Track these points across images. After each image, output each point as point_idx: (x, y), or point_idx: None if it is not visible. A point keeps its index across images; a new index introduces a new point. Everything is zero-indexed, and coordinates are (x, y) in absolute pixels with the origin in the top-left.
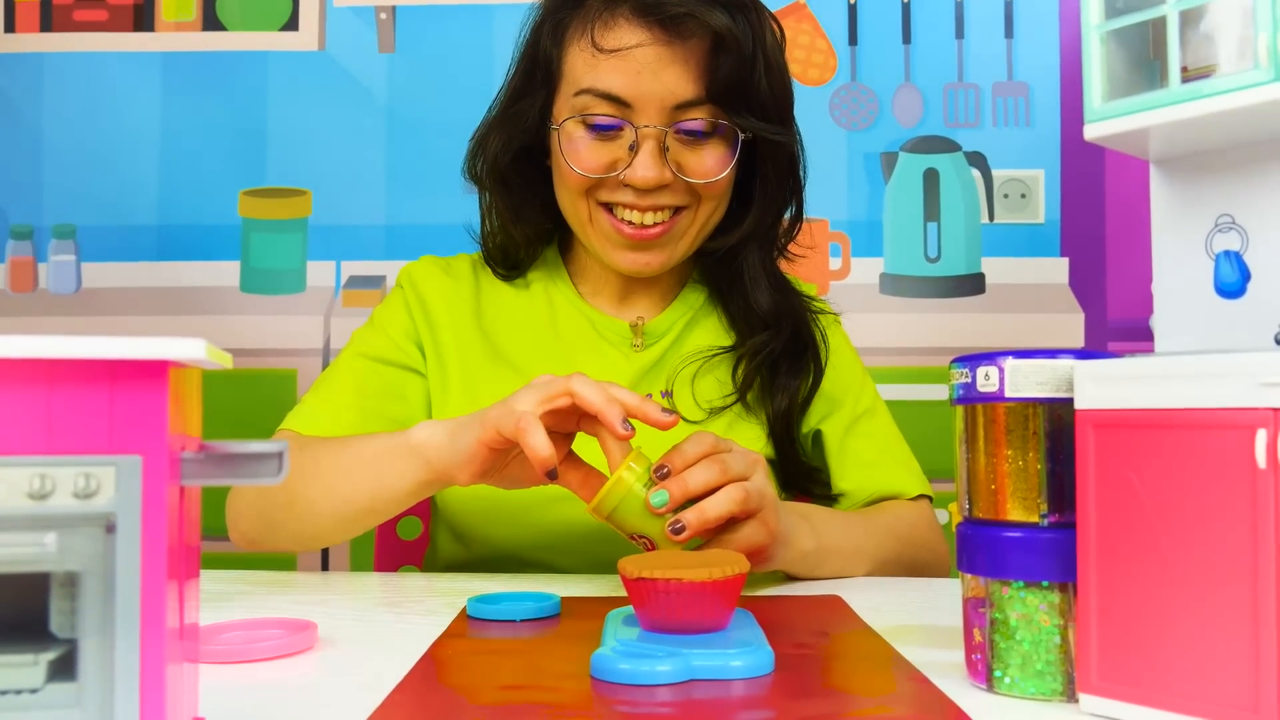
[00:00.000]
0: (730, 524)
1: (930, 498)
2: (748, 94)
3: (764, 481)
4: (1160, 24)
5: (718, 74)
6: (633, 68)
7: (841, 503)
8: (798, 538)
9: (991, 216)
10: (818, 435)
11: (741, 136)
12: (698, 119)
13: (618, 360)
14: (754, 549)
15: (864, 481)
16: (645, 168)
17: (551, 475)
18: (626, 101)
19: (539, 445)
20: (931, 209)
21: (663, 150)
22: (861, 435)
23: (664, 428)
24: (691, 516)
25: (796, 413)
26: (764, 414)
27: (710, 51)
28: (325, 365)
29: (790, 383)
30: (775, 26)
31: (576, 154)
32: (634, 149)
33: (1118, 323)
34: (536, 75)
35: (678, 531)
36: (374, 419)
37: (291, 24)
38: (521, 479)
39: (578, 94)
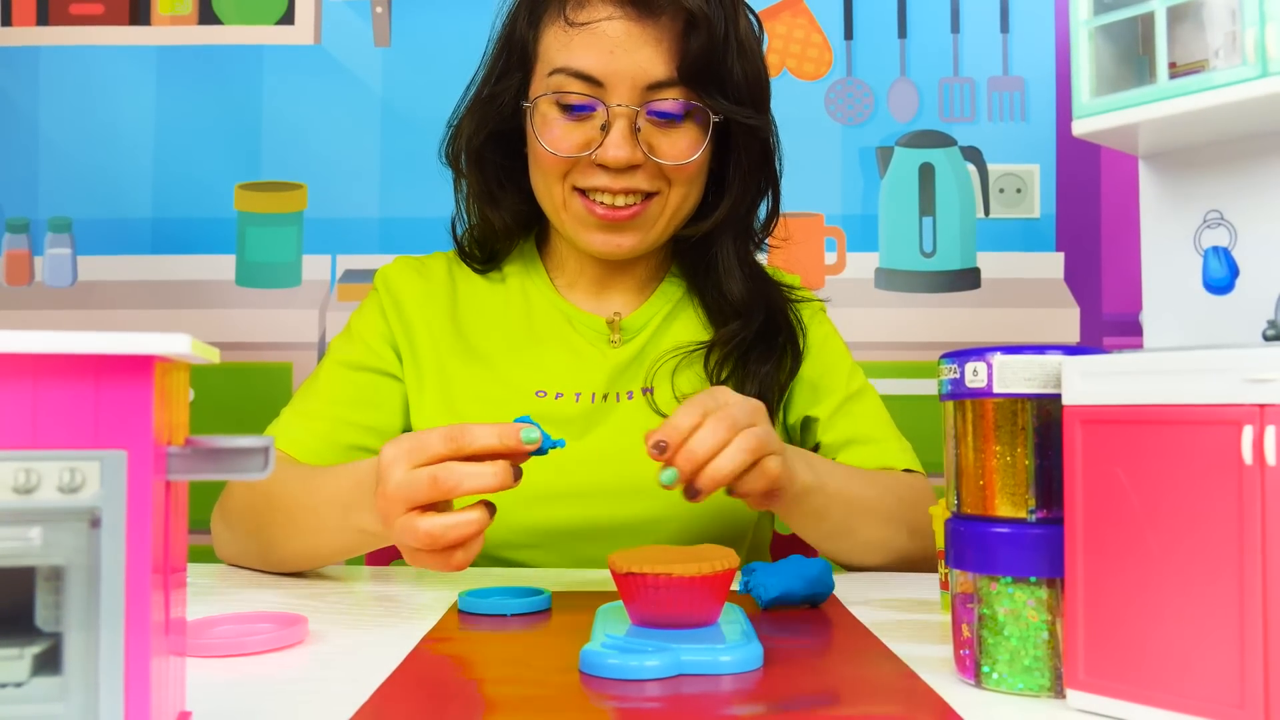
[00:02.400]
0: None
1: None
2: (720, 76)
3: (766, 428)
4: (1148, 20)
5: (689, 54)
6: (605, 45)
7: None
8: (798, 473)
9: (987, 211)
10: (807, 421)
11: (714, 119)
12: (670, 99)
13: (594, 357)
14: (756, 493)
15: (856, 458)
16: (616, 147)
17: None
18: (599, 80)
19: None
20: (927, 204)
21: (634, 130)
22: (850, 415)
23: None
24: (705, 481)
25: (773, 400)
26: None
27: (682, 32)
28: (320, 359)
29: (760, 369)
30: (752, 17)
31: (549, 134)
32: (606, 129)
33: (1113, 317)
34: (512, 58)
35: (693, 497)
36: (346, 428)
37: (287, 18)
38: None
39: (551, 74)
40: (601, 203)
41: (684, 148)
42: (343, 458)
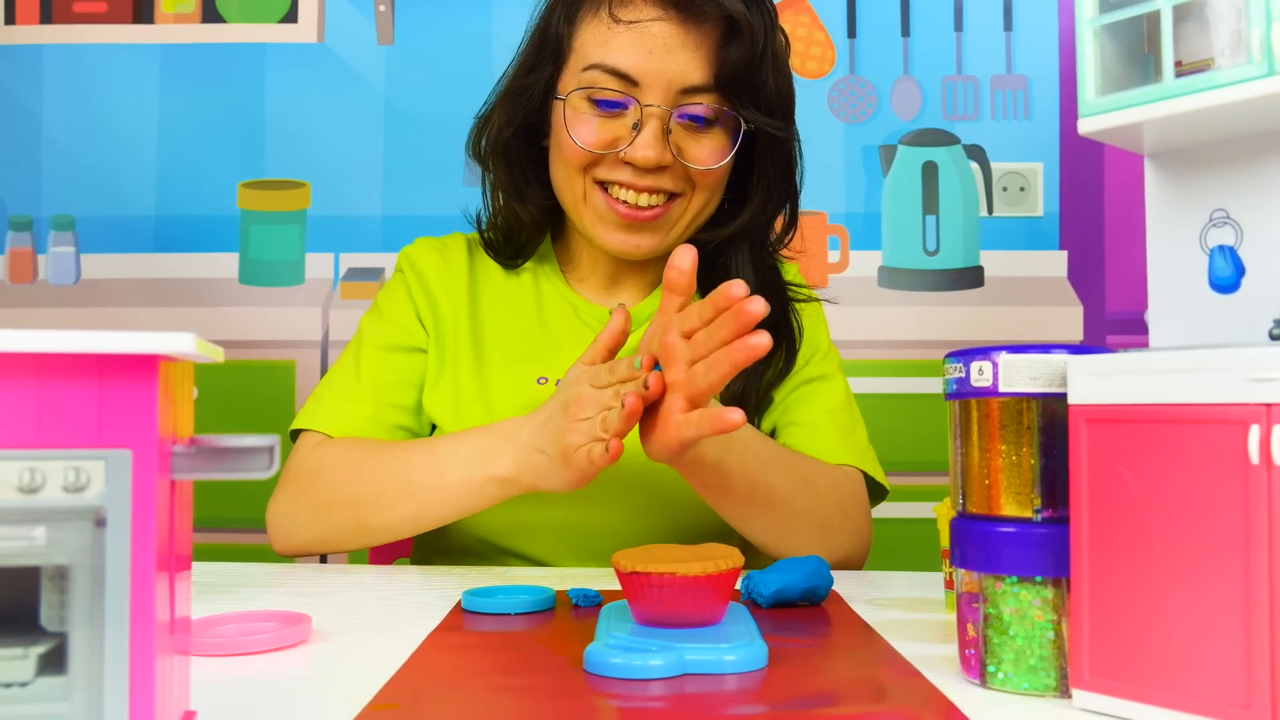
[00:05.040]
0: None
1: (866, 474)
2: (754, 86)
3: None
4: (1154, 18)
5: (727, 62)
6: (645, 45)
7: None
8: (704, 451)
9: (990, 209)
10: (764, 400)
11: (744, 128)
12: (702, 104)
13: None
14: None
15: (797, 442)
16: (647, 146)
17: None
18: (634, 79)
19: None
20: (930, 202)
21: (665, 132)
22: (806, 398)
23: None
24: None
25: (755, 396)
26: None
27: (722, 40)
28: (324, 357)
29: (749, 365)
30: (782, 34)
31: (579, 129)
32: (637, 128)
33: (1116, 316)
34: (545, 51)
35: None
36: (390, 410)
37: (290, 16)
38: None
39: (586, 69)
40: (624, 201)
41: (712, 153)
42: (387, 439)
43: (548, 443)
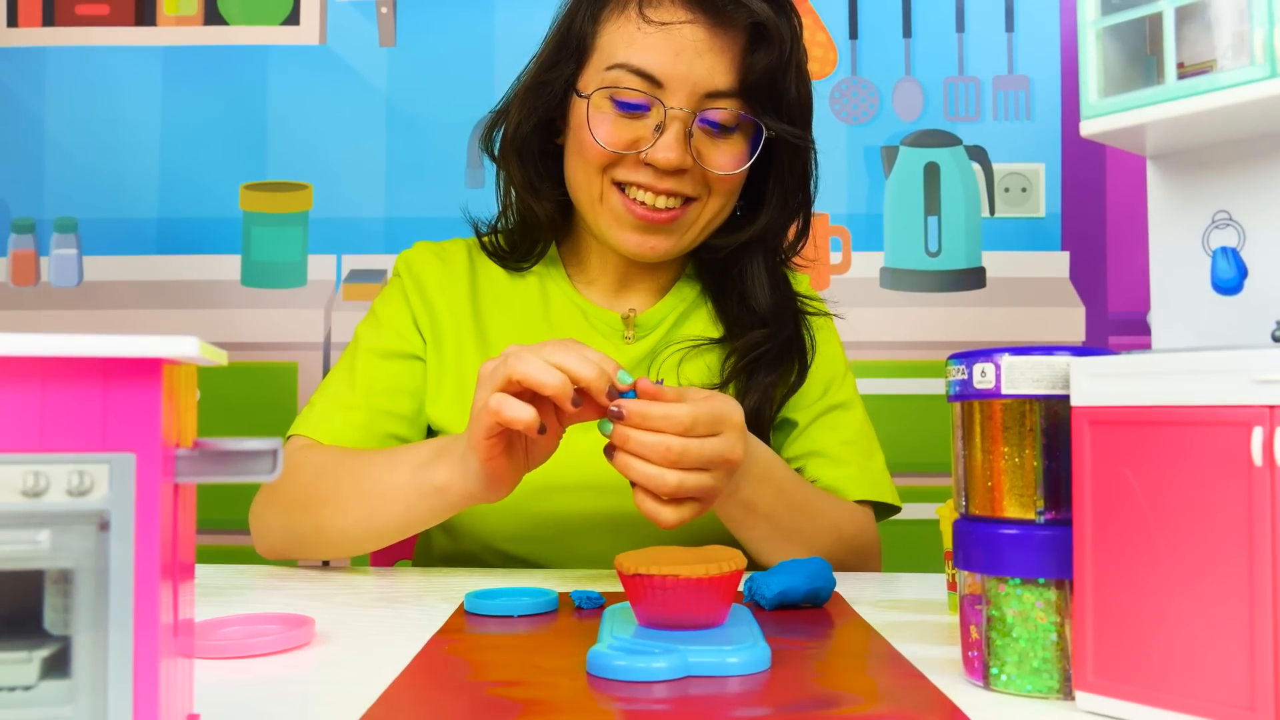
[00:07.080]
0: None
1: (875, 504)
2: (777, 94)
3: (722, 443)
4: (1156, 20)
5: (753, 69)
6: (672, 47)
7: None
8: (741, 489)
9: (992, 210)
10: (783, 423)
11: (767, 134)
12: (725, 110)
13: (609, 352)
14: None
15: (818, 472)
16: (668, 149)
17: (542, 430)
18: (659, 81)
19: (516, 415)
20: (932, 203)
21: (687, 135)
22: (828, 427)
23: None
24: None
25: (770, 411)
26: None
27: (749, 46)
28: (326, 359)
29: (765, 380)
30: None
31: (601, 128)
32: (659, 130)
33: (1118, 317)
34: (568, 48)
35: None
36: (384, 417)
37: (293, 18)
38: (539, 452)
39: (610, 68)
40: (641, 202)
41: (732, 158)
42: (381, 447)
43: (465, 447)
